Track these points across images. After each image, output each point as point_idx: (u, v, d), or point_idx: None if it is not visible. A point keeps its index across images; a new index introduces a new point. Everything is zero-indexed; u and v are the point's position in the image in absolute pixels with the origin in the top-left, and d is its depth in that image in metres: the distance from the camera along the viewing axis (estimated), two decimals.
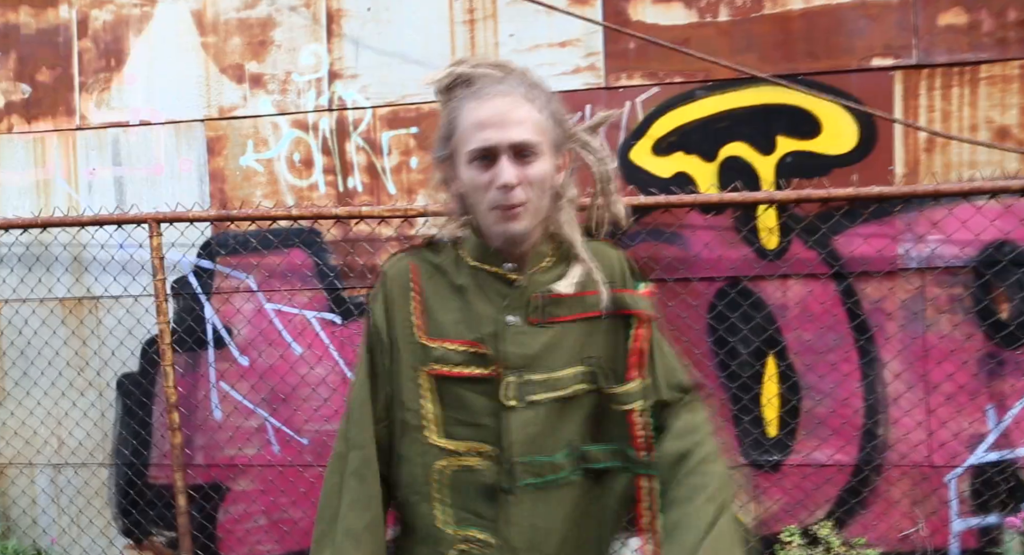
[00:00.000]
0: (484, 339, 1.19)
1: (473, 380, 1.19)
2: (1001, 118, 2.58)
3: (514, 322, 1.20)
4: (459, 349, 1.20)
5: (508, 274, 1.21)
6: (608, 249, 1.30)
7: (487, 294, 1.22)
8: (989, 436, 2.61)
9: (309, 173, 2.96)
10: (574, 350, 1.22)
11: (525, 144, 1.13)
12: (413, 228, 2.85)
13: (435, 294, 1.24)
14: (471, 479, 1.19)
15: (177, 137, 3.04)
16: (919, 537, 2.66)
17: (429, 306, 1.24)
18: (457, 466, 1.20)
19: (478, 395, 1.19)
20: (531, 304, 1.20)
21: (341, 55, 2.91)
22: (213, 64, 3.00)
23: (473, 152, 1.15)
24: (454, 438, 1.21)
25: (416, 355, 1.22)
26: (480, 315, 1.21)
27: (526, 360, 1.19)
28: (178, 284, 3.01)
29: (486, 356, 1.19)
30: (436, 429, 1.21)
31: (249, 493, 3.02)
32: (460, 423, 1.21)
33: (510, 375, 1.18)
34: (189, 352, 3.02)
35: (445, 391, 1.21)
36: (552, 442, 1.20)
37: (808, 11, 2.65)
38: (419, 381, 1.22)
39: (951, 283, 2.60)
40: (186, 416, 3.00)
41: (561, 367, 1.21)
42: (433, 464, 1.21)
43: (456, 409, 1.21)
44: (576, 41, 2.78)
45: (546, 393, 1.19)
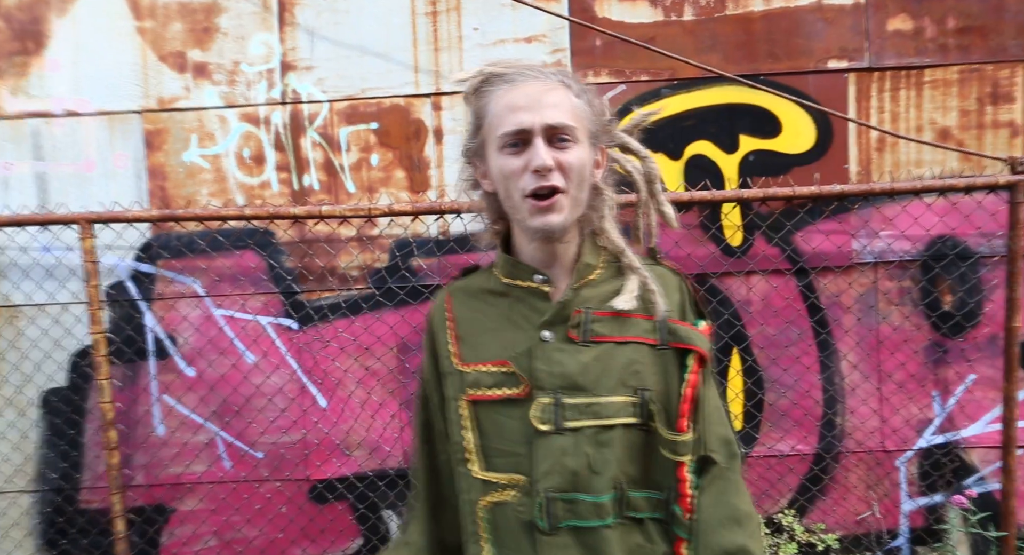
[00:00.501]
0: (516, 357, 1.10)
1: (507, 402, 1.10)
2: (943, 120, 2.73)
3: (550, 338, 1.10)
4: (491, 370, 1.11)
5: (541, 286, 1.13)
6: (670, 275, 1.19)
7: (521, 310, 1.14)
8: (935, 420, 2.76)
9: (261, 170, 2.78)
10: (622, 376, 1.09)
11: (561, 126, 1.06)
12: (376, 228, 2.73)
13: (468, 319, 1.18)
14: (510, 515, 1.09)
15: (110, 130, 2.79)
16: (873, 519, 2.79)
17: (463, 331, 1.17)
18: (498, 501, 1.11)
19: (512, 419, 1.10)
20: (572, 320, 1.11)
21: (295, 46, 2.75)
22: (151, 51, 2.77)
23: (505, 136, 1.07)
24: (496, 470, 1.11)
25: (455, 384, 1.16)
26: (515, 333, 1.13)
27: (563, 380, 1.08)
28: (114, 290, 2.76)
29: (517, 376, 1.10)
30: (478, 461, 1.12)
31: (198, 513, 2.81)
32: (500, 453, 1.11)
33: (544, 396, 1.08)
34: (128, 364, 2.78)
35: (483, 418, 1.12)
36: (597, 481, 1.06)
37: (769, 13, 2.71)
38: (460, 411, 1.14)
39: (902, 276, 2.73)
40: (125, 433, 2.76)
41: (606, 393, 1.08)
42: (478, 500, 1.12)
43: (494, 437, 1.12)
44: (542, 37, 2.74)
45: (587, 420, 1.07)
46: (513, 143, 1.07)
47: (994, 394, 2.72)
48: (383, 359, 2.75)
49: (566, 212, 1.08)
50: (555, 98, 1.07)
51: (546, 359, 1.09)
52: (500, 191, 1.12)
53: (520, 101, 1.06)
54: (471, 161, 1.18)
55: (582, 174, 1.08)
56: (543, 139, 1.05)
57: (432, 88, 2.75)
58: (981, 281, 2.71)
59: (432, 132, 2.76)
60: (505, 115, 1.07)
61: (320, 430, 2.77)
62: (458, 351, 1.16)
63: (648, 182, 1.21)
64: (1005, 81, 2.72)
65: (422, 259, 2.74)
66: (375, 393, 2.76)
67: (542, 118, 1.05)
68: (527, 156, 1.06)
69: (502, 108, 1.08)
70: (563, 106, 1.07)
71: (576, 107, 1.09)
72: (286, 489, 2.78)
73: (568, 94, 1.09)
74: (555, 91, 1.08)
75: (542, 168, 1.04)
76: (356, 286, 2.75)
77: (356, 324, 2.74)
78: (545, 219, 1.06)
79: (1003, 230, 2.61)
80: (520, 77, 1.10)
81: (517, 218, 1.11)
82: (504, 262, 1.17)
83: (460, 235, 2.71)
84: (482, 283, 1.21)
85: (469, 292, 1.21)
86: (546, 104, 1.06)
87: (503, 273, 1.17)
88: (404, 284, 2.74)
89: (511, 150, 1.07)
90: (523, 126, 1.05)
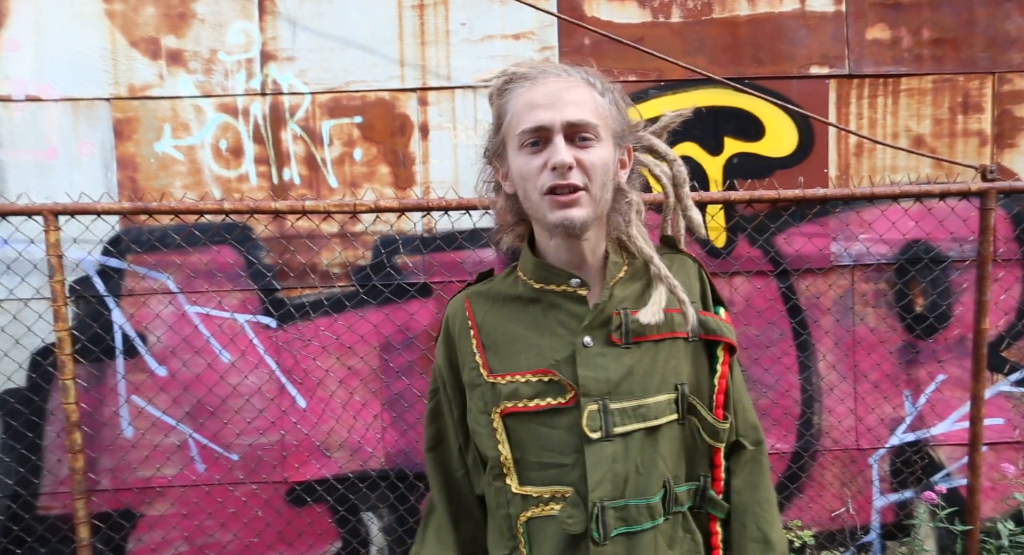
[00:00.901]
0: (558, 365, 1.06)
1: (550, 412, 1.06)
2: (917, 127, 2.82)
3: (592, 343, 1.06)
4: (531, 380, 1.06)
5: (578, 290, 1.09)
6: (688, 262, 1.18)
7: (557, 316, 1.09)
8: (907, 419, 2.85)
9: (239, 163, 2.68)
10: (664, 374, 1.08)
11: (582, 124, 1.03)
12: (359, 224, 2.67)
13: (494, 326, 1.13)
14: (556, 530, 1.05)
15: (75, 117, 2.65)
16: (848, 516, 2.86)
17: (491, 340, 1.12)
18: (540, 515, 1.06)
19: (557, 430, 1.06)
20: (613, 322, 1.07)
21: (275, 35, 2.66)
22: (121, 36, 2.64)
23: (524, 134, 1.03)
24: (535, 483, 1.07)
25: (486, 397, 1.10)
26: (551, 340, 1.08)
27: (609, 385, 1.05)
28: (80, 286, 2.63)
29: (561, 384, 1.05)
30: (516, 476, 1.08)
31: (168, 518, 2.70)
32: (540, 466, 1.07)
33: (591, 403, 1.04)
34: (94, 363, 2.65)
35: (521, 430, 1.07)
36: (647, 482, 1.05)
37: (754, 18, 2.74)
38: (493, 425, 1.09)
39: (878, 279, 2.81)
40: (90, 436, 2.64)
41: (651, 393, 1.07)
42: (518, 516, 1.08)
43: (534, 450, 1.07)
44: (530, 34, 2.71)
45: (635, 424, 1.05)
46: (533, 142, 1.04)
47: (961, 393, 2.82)
48: (366, 358, 2.68)
49: (587, 209, 1.04)
50: (577, 96, 1.04)
51: (591, 365, 1.06)
52: (519, 192, 1.09)
53: (540, 99, 1.04)
54: (491, 162, 1.15)
55: (604, 173, 1.05)
56: (563, 136, 1.02)
57: (418, 82, 2.70)
58: (952, 284, 2.81)
59: (418, 127, 2.71)
60: (524, 113, 1.04)
61: (299, 431, 2.69)
62: (486, 361, 1.11)
63: (675, 185, 1.19)
64: (975, 92, 2.81)
65: (408, 257, 2.69)
66: (357, 393, 2.70)
67: (562, 115, 1.02)
68: (546, 154, 1.03)
69: (521, 106, 1.05)
70: (585, 104, 1.04)
71: (599, 105, 1.06)
72: (263, 492, 2.70)
73: (591, 92, 1.06)
74: (577, 89, 1.05)
75: (560, 165, 1.01)
76: (339, 284, 2.68)
77: (338, 322, 2.67)
78: (565, 213, 1.03)
79: (974, 235, 2.70)
80: (542, 75, 1.07)
81: (537, 217, 1.08)
82: (535, 266, 1.12)
83: (447, 233, 2.67)
84: (507, 289, 1.16)
85: (493, 298, 1.16)
86: (567, 101, 1.03)
87: (534, 278, 1.13)
88: (389, 282, 2.69)
89: (530, 149, 1.04)
90: (542, 123, 1.02)
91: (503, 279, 1.19)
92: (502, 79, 1.10)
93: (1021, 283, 2.82)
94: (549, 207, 1.04)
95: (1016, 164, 2.82)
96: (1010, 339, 2.84)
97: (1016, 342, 2.84)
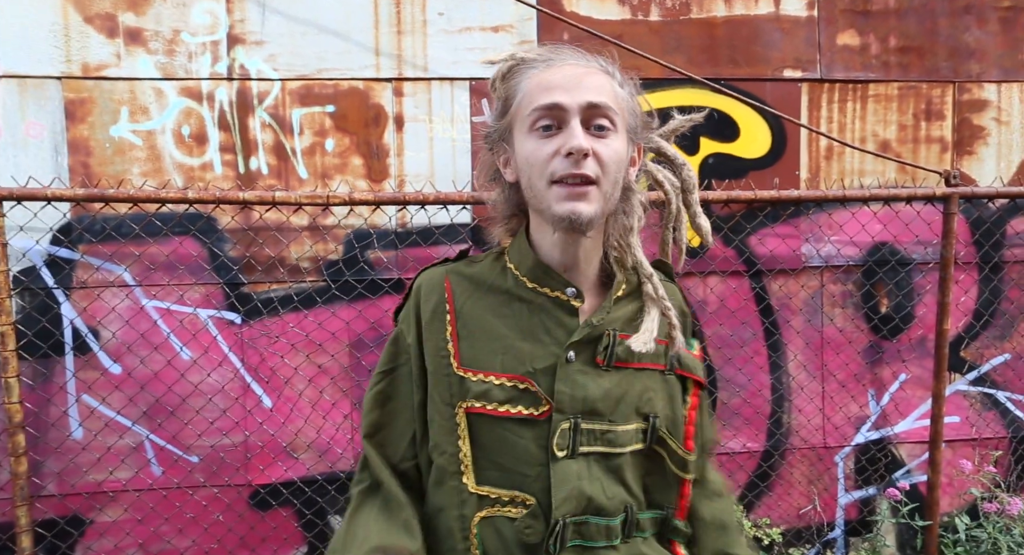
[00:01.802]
0: (535, 375, 1.01)
1: (519, 421, 1.01)
2: (884, 132, 2.89)
3: (574, 359, 1.01)
4: (505, 384, 1.01)
5: (571, 301, 1.03)
6: (677, 293, 1.16)
7: (544, 322, 1.03)
8: (871, 417, 2.92)
9: (202, 150, 2.55)
10: (637, 403, 1.05)
11: (602, 107, 0.96)
12: (331, 217, 2.57)
13: (474, 316, 1.05)
14: (507, 532, 1.01)
15: (21, 96, 2.47)
16: (815, 513, 2.91)
17: (468, 331, 1.04)
18: (495, 514, 1.02)
19: (523, 440, 1.01)
20: (601, 342, 1.03)
21: (244, 17, 2.54)
22: (74, 11, 2.48)
23: (537, 110, 0.96)
24: (494, 485, 1.02)
25: (452, 389, 1.03)
26: (533, 346, 1.02)
27: (584, 405, 1.01)
28: (25, 276, 2.46)
29: (536, 395, 1.00)
30: (473, 474, 1.02)
31: (120, 524, 2.55)
32: (500, 468, 1.02)
33: (564, 420, 1.00)
34: (41, 360, 2.48)
35: (485, 431, 1.02)
36: (609, 505, 1.03)
37: (730, 19, 2.76)
38: (456, 419, 1.02)
39: (846, 280, 2.87)
40: (35, 438, 2.46)
41: (620, 420, 1.03)
42: (472, 516, 1.02)
43: (496, 453, 1.02)
44: (509, 27, 2.67)
45: (600, 447, 1.02)
46: (546, 125, 0.97)
47: (922, 392, 2.90)
48: (337, 356, 2.59)
49: (596, 204, 0.96)
50: (596, 81, 0.98)
51: (570, 382, 1.01)
52: (523, 179, 1.01)
53: (557, 80, 0.97)
54: (493, 147, 1.07)
55: (618, 169, 0.99)
56: (580, 120, 0.96)
57: (394, 72, 2.62)
58: (915, 286, 2.89)
59: (393, 119, 2.63)
60: (538, 93, 0.97)
61: (265, 432, 2.58)
62: (458, 351, 1.04)
63: (684, 192, 1.15)
64: (937, 99, 2.90)
65: (381, 251, 2.61)
66: (327, 392, 2.60)
67: (582, 96, 0.95)
68: (561, 139, 0.95)
69: (535, 86, 0.98)
70: (605, 89, 0.98)
71: (618, 95, 1.01)
72: (224, 495, 2.57)
73: (611, 81, 1.01)
74: (596, 75, 1.00)
75: (577, 150, 0.93)
76: (309, 278, 2.58)
77: (308, 319, 2.57)
78: (574, 206, 0.95)
79: (937, 238, 2.78)
80: (558, 58, 1.01)
81: (540, 208, 1.00)
82: (533, 265, 1.05)
83: (423, 227, 2.60)
84: (493, 279, 1.08)
85: (476, 284, 1.08)
86: (586, 85, 0.97)
87: (528, 276, 1.06)
88: (361, 277, 2.60)
89: (542, 133, 0.97)
90: (559, 101, 0.95)
91: (489, 266, 1.10)
92: (509, 62, 1.04)
93: (978, 285, 2.92)
94: (556, 198, 0.96)
95: (974, 170, 2.92)
96: (969, 339, 2.94)
97: (973, 342, 2.94)
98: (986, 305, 2.94)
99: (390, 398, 1.10)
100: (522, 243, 1.08)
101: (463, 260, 1.14)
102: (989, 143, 2.93)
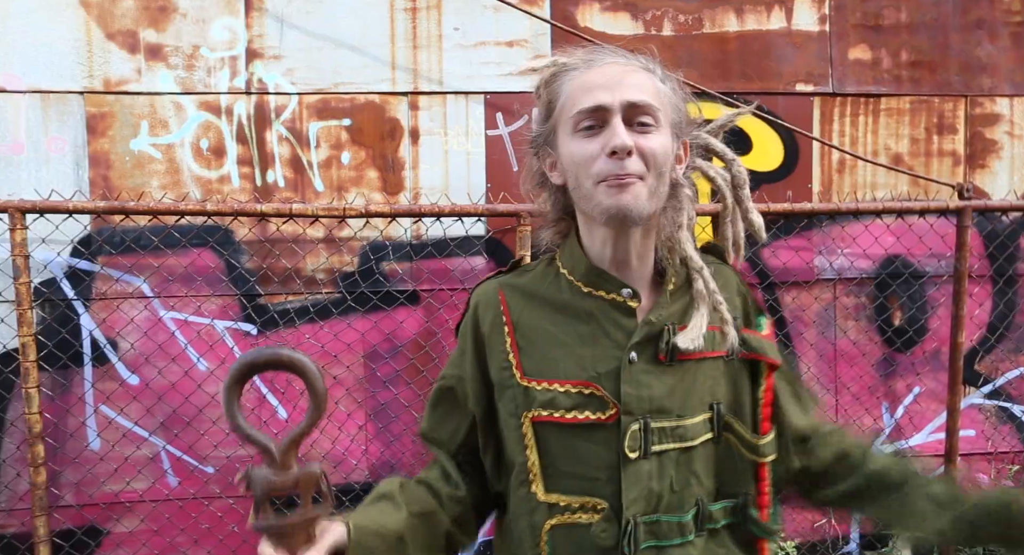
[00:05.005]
0: (600, 378, 1.01)
1: (587, 426, 1.02)
2: (896, 146, 2.90)
3: (637, 359, 1.02)
4: (571, 391, 1.02)
5: (628, 302, 1.04)
6: (730, 274, 1.14)
7: (602, 324, 1.04)
8: (886, 430, 2.91)
9: (220, 163, 2.58)
10: (703, 394, 1.05)
11: (643, 105, 0.97)
12: (347, 229, 2.60)
13: (532, 325, 1.06)
14: (584, 540, 1.02)
15: (44, 110, 2.52)
16: (829, 526, 2.89)
17: (527, 341, 1.06)
18: (567, 523, 1.03)
19: (593, 444, 1.01)
20: (661, 338, 1.03)
21: (262, 32, 2.58)
22: (97, 27, 2.52)
23: (580, 114, 0.98)
24: (563, 492, 1.03)
25: (517, 400, 1.05)
26: (594, 350, 1.03)
27: (651, 404, 1.01)
28: (46, 288, 2.49)
29: (603, 399, 1.01)
30: (543, 483, 1.04)
31: (137, 534, 2.56)
32: (570, 476, 1.03)
33: (633, 422, 1.01)
34: (60, 370, 2.50)
35: (553, 440, 1.03)
36: (680, 500, 1.03)
37: (742, 34, 2.79)
38: (523, 430, 1.04)
39: (859, 293, 2.87)
40: (54, 448, 2.48)
41: (689, 414, 1.03)
42: (543, 524, 1.04)
43: (565, 460, 1.03)
44: (523, 42, 2.70)
45: (672, 443, 1.02)
46: (588, 126, 0.98)
47: (936, 405, 2.89)
48: (352, 367, 2.60)
49: (644, 199, 0.97)
50: (637, 79, 1.00)
51: (635, 382, 1.02)
52: (570, 181, 1.03)
53: (598, 80, 0.99)
54: (539, 152, 1.09)
55: (664, 162, 0.99)
56: (622, 118, 0.97)
57: (409, 86, 2.65)
58: (928, 299, 2.89)
59: (408, 132, 2.65)
60: (580, 95, 0.99)
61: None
62: (519, 362, 1.05)
63: (735, 188, 1.14)
64: (949, 113, 2.91)
65: (396, 263, 2.63)
66: (342, 403, 2.61)
67: (623, 95, 0.97)
68: (604, 138, 0.97)
69: (576, 88, 1.00)
70: (646, 87, 0.99)
71: (660, 91, 1.02)
72: (240, 506, 2.58)
73: (652, 78, 1.02)
74: (637, 73, 1.01)
75: (620, 148, 0.95)
76: (324, 290, 2.60)
77: (324, 330, 2.59)
78: (620, 199, 0.96)
79: (950, 251, 2.78)
80: (599, 58, 1.03)
81: (587, 208, 1.02)
82: (586, 269, 1.07)
83: (438, 239, 2.62)
84: (547, 287, 1.09)
85: (530, 295, 1.09)
86: (627, 84, 0.98)
87: (583, 281, 1.07)
88: (377, 289, 2.62)
89: (585, 133, 0.99)
90: (601, 103, 0.96)
91: (542, 274, 1.11)
92: (551, 68, 1.06)
93: (993, 298, 2.92)
94: (604, 194, 0.97)
95: (987, 184, 2.93)
96: (983, 353, 2.93)
97: (988, 355, 2.94)
98: (1001, 318, 2.93)
99: (460, 408, 1.14)
100: (574, 247, 1.09)
101: (514, 271, 1.15)
102: (1002, 156, 2.93)
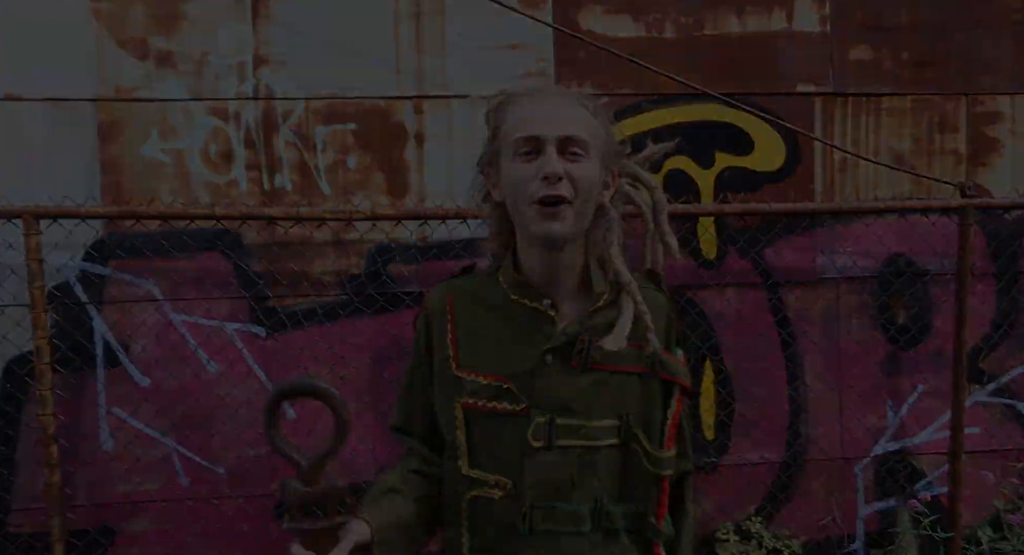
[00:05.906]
0: (516, 376, 1.16)
1: (503, 415, 1.16)
2: (898, 145, 2.91)
3: (551, 362, 1.15)
4: (491, 383, 1.17)
5: (548, 311, 1.18)
6: (660, 298, 1.25)
7: (525, 329, 1.18)
8: (889, 428, 2.92)
9: (228, 168, 2.63)
10: (611, 403, 1.17)
11: (574, 139, 1.11)
12: (353, 232, 2.63)
13: (469, 324, 1.22)
14: (492, 512, 1.18)
15: (57, 118, 2.56)
16: (834, 524, 2.91)
17: (463, 336, 1.21)
18: (483, 497, 1.18)
19: (506, 430, 1.16)
20: (576, 346, 1.16)
21: (269, 39, 2.62)
22: (108, 36, 2.57)
23: (518, 141, 1.12)
24: (483, 469, 1.19)
25: (450, 385, 1.20)
26: (515, 350, 1.17)
27: (559, 403, 1.15)
28: (59, 292, 2.53)
29: (516, 393, 1.16)
30: (467, 459, 1.19)
31: (148, 534, 2.60)
32: (488, 455, 1.19)
33: (539, 416, 1.15)
34: (73, 373, 2.54)
35: (476, 423, 1.18)
36: (577, 493, 1.16)
37: (744, 35, 2.81)
38: (454, 413, 1.19)
39: (862, 291, 2.88)
40: (67, 449, 2.52)
41: (596, 417, 1.16)
42: (464, 493, 1.20)
43: (485, 442, 1.19)
44: (527, 45, 2.73)
45: (576, 440, 1.15)
46: (526, 151, 1.12)
47: (941, 403, 2.89)
48: (359, 368, 2.64)
49: (569, 222, 1.11)
50: (572, 114, 1.14)
51: (546, 382, 1.15)
52: (508, 199, 1.16)
53: (538, 114, 1.13)
54: (484, 171, 1.23)
55: (590, 189, 1.13)
56: (555, 149, 1.11)
57: (414, 91, 2.68)
58: (932, 297, 2.90)
59: (413, 136, 2.69)
60: (521, 124, 1.13)
61: None
62: (456, 355, 1.20)
63: (655, 212, 1.25)
64: (951, 112, 2.93)
65: (403, 265, 2.66)
66: (350, 404, 2.64)
67: (557, 129, 1.10)
68: (539, 163, 1.10)
69: (518, 119, 1.14)
70: (579, 121, 1.14)
71: (592, 126, 1.15)
72: (250, 506, 2.62)
73: (585, 113, 1.16)
74: (572, 108, 1.15)
75: (552, 174, 1.08)
76: (332, 292, 2.63)
77: (331, 332, 2.62)
78: (548, 226, 1.10)
79: (953, 250, 2.79)
80: (540, 94, 1.19)
81: (521, 224, 1.15)
82: (513, 281, 1.20)
83: (443, 242, 2.65)
84: (486, 293, 1.23)
85: (472, 296, 1.24)
86: (563, 118, 1.12)
87: (512, 290, 1.20)
88: (383, 291, 2.65)
89: (523, 158, 1.12)
90: (538, 133, 1.10)
91: (483, 280, 1.26)
92: (499, 97, 1.20)
93: (996, 296, 2.93)
94: (533, 217, 1.11)
95: (989, 182, 2.94)
96: (987, 350, 2.94)
97: (992, 353, 2.94)
98: (1004, 316, 2.94)
99: (420, 382, 1.28)
100: (508, 260, 1.24)
101: (465, 276, 1.30)
102: (1004, 155, 2.95)
